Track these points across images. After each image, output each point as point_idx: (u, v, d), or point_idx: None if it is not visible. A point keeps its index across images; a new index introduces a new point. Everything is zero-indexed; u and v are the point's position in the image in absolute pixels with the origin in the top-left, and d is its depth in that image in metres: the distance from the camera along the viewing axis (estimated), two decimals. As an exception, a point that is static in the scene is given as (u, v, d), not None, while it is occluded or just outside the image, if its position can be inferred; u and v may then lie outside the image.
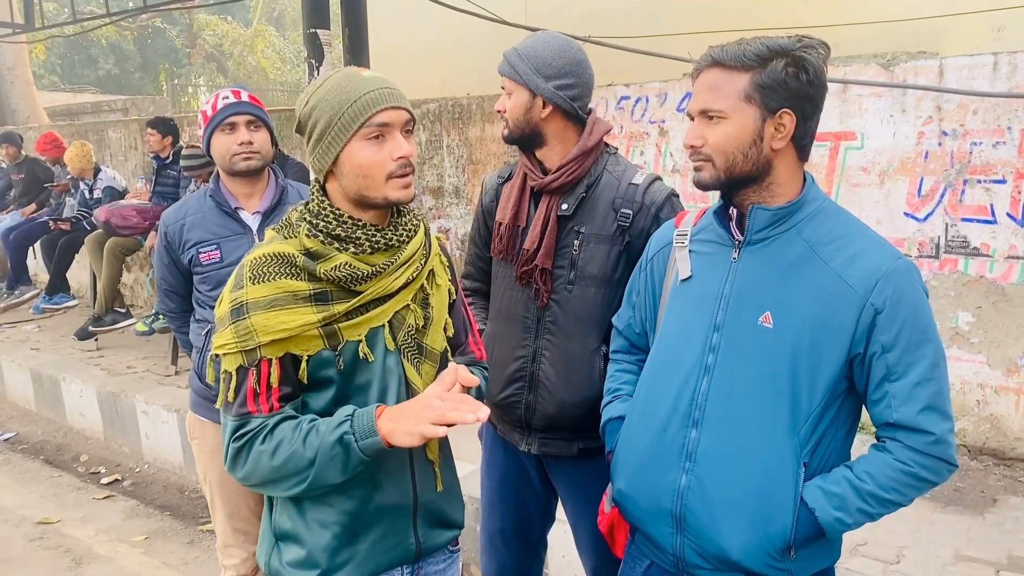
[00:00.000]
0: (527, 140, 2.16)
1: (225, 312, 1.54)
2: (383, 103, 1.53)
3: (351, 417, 1.49)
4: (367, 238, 1.57)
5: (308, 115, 1.57)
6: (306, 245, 1.56)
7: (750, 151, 1.57)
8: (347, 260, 1.55)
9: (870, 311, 1.53)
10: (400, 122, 1.55)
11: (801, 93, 1.55)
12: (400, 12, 8.00)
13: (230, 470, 1.56)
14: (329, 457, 1.48)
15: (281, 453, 1.49)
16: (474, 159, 5.61)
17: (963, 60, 3.79)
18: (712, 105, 1.58)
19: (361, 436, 1.47)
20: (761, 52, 1.54)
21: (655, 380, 1.77)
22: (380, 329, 1.61)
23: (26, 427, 5.98)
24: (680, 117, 4.67)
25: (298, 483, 1.51)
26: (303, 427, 1.51)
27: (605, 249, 2.11)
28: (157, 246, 2.65)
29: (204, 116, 2.55)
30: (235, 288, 1.54)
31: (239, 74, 23.34)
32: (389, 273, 1.59)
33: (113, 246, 6.09)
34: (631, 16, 6.88)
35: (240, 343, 1.51)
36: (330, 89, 1.55)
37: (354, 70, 1.59)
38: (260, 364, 1.51)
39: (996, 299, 3.79)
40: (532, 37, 2.15)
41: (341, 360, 1.56)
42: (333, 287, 1.55)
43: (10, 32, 10.82)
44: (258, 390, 1.52)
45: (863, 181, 4.08)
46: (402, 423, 1.46)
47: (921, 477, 1.54)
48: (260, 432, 1.52)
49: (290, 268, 1.54)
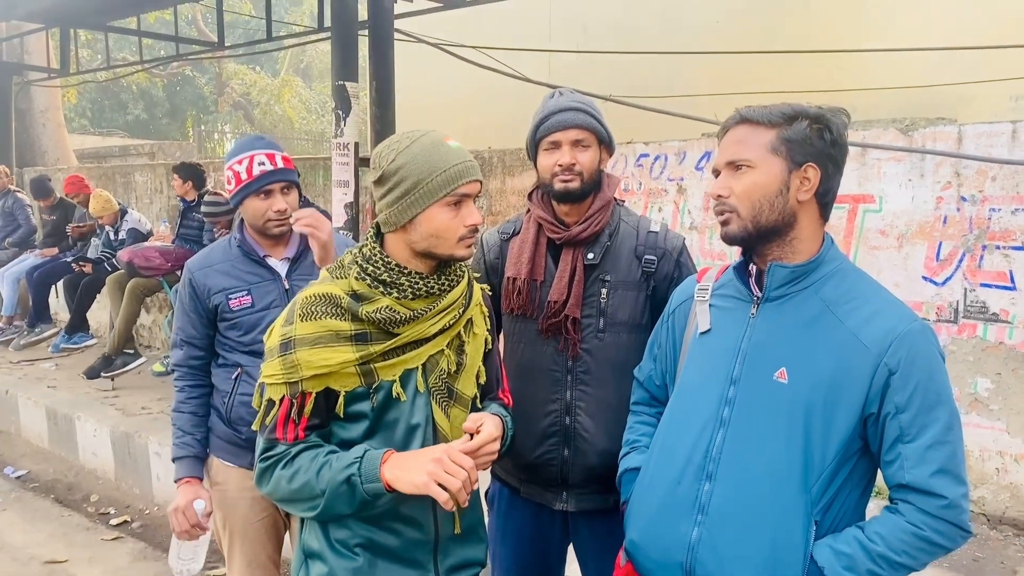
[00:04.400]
0: (588, 193, 2.16)
1: (275, 344, 1.68)
2: (468, 176, 1.67)
3: (360, 459, 1.61)
4: (410, 284, 1.68)
5: (394, 172, 1.66)
6: (354, 287, 1.69)
7: (776, 200, 1.61)
8: (389, 304, 1.67)
9: (884, 371, 1.54)
10: (475, 192, 1.71)
11: (825, 151, 1.60)
12: (426, 66, 8.17)
13: (257, 484, 1.72)
14: (337, 493, 1.61)
15: (297, 480, 1.64)
16: (494, 210, 5.67)
17: (981, 127, 3.82)
18: (740, 155, 1.63)
19: (366, 479, 1.59)
20: (787, 112, 1.61)
21: (671, 431, 1.78)
22: (414, 371, 1.71)
23: (38, 465, 5.98)
24: (698, 175, 4.71)
25: (311, 508, 1.66)
26: (319, 460, 1.64)
27: (633, 295, 2.16)
28: (181, 294, 2.61)
29: (237, 177, 2.52)
30: (286, 323, 1.68)
31: (265, 122, 23.74)
32: (427, 318, 1.70)
33: (135, 286, 6.16)
34: (651, 77, 6.99)
35: (286, 375, 1.65)
36: (420, 153, 1.65)
37: (440, 137, 1.70)
38: (299, 396, 1.65)
39: (1016, 366, 3.76)
40: (572, 94, 2.19)
41: (375, 398, 1.68)
42: (373, 328, 1.67)
43: (46, 77, 11.11)
44: (288, 420, 1.66)
45: (881, 244, 4.09)
46: (406, 472, 1.58)
47: (933, 541, 1.53)
48: (283, 458, 1.67)
49: (335, 308, 1.67)
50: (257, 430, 1.72)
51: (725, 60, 6.59)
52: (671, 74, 6.89)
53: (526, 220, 2.27)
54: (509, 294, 2.23)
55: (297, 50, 23.81)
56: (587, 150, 2.12)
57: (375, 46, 5.56)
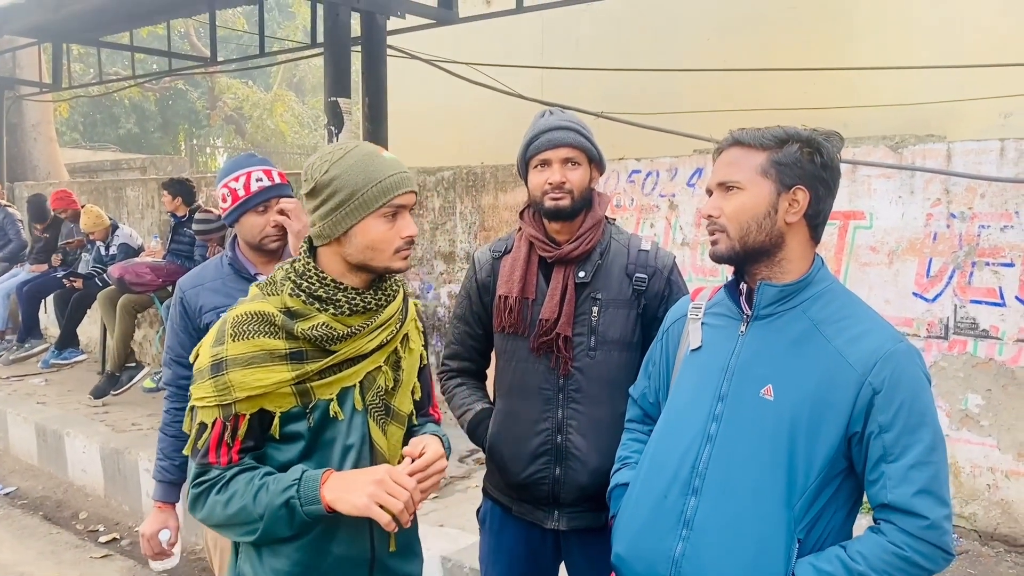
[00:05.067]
0: (579, 211, 2.17)
1: (205, 366, 1.62)
2: (404, 187, 1.65)
3: (299, 481, 1.58)
4: (347, 300, 1.66)
5: (328, 183, 1.63)
6: (287, 304, 1.65)
7: (764, 222, 1.64)
8: (325, 320, 1.64)
9: (868, 390, 1.56)
10: (411, 204, 1.68)
11: (815, 174, 1.63)
12: (419, 82, 8.19)
13: (191, 511, 1.66)
14: (276, 517, 1.58)
15: (233, 505, 1.60)
16: (486, 226, 5.68)
17: (971, 144, 3.85)
18: (730, 177, 1.66)
19: (306, 502, 1.57)
20: (779, 135, 1.64)
21: (660, 446, 1.79)
22: (351, 389, 1.69)
23: (27, 482, 5.94)
24: (690, 191, 4.73)
25: (249, 532, 1.61)
26: (255, 483, 1.60)
27: (624, 313, 2.17)
28: (172, 313, 2.61)
29: (234, 194, 2.53)
30: (216, 343, 1.63)
31: (257, 136, 23.75)
32: (364, 335, 1.67)
33: (126, 303, 6.14)
34: (644, 93, 7.02)
35: (219, 397, 1.60)
36: (354, 164, 1.63)
37: (375, 149, 1.68)
38: (233, 419, 1.61)
39: (1006, 382, 3.77)
40: (562, 113, 2.20)
41: (311, 417, 1.65)
42: (309, 346, 1.63)
43: (38, 91, 11.10)
44: (221, 443, 1.61)
45: (872, 260, 4.11)
46: (347, 494, 1.56)
47: (915, 562, 1.53)
48: (217, 483, 1.62)
49: (269, 327, 1.62)
50: (188, 455, 1.67)
51: (717, 77, 6.63)
52: (663, 91, 6.92)
53: (517, 238, 2.27)
54: (501, 312, 2.24)
55: (290, 64, 23.84)
56: (577, 168, 2.13)
57: (368, 62, 5.59)
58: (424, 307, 6.05)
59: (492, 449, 2.28)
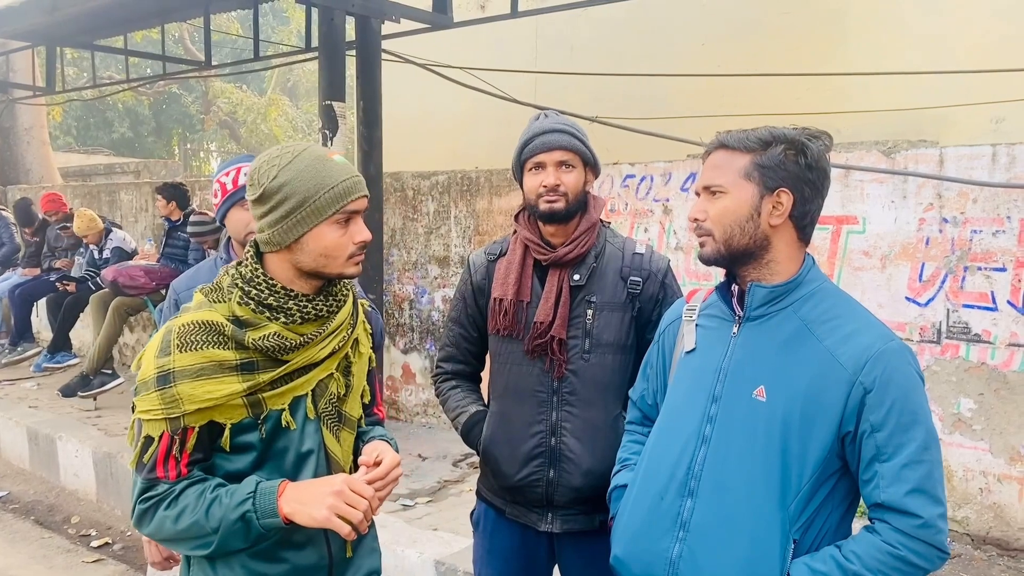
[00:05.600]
0: (573, 214, 2.17)
1: (150, 377, 1.55)
2: (357, 192, 1.61)
3: (253, 495, 1.54)
4: (298, 309, 1.61)
5: (277, 189, 1.57)
6: (236, 312, 1.59)
7: (747, 225, 1.65)
8: (276, 330, 1.58)
9: (859, 390, 1.56)
10: (363, 209, 1.64)
11: (800, 176, 1.63)
12: (413, 86, 8.20)
13: (136, 526, 1.61)
14: (231, 531, 1.53)
15: (184, 520, 1.54)
16: (481, 230, 5.69)
17: (963, 150, 3.87)
18: (714, 181, 1.67)
19: (262, 515, 1.53)
20: (764, 137, 1.64)
21: (657, 448, 1.80)
22: (303, 397, 1.65)
23: (18, 486, 5.91)
24: (684, 196, 4.74)
25: (202, 547, 1.56)
26: (206, 496, 1.55)
27: (618, 316, 2.17)
28: (166, 314, 2.62)
29: (223, 188, 2.52)
30: (161, 354, 1.55)
31: (251, 141, 23.73)
32: (317, 343, 1.63)
33: (119, 305, 6.13)
34: (638, 98, 7.03)
35: (166, 410, 1.53)
36: (304, 170, 1.57)
37: (324, 152, 1.63)
38: (179, 432, 1.55)
39: (998, 386, 3.78)
40: (557, 116, 2.20)
41: (263, 428, 1.61)
42: (260, 356, 1.58)
43: (31, 95, 11.07)
44: (169, 456, 1.55)
45: (865, 265, 4.12)
46: (305, 506, 1.53)
47: (910, 562, 1.53)
48: (165, 498, 1.56)
49: (218, 337, 1.56)
50: (133, 468, 1.60)
51: (711, 82, 6.64)
52: (657, 95, 6.93)
53: (513, 241, 2.27)
54: (495, 314, 2.24)
55: (284, 68, 23.83)
56: (572, 171, 2.14)
57: (362, 66, 5.59)
58: (419, 311, 6.04)
59: (486, 451, 2.28)
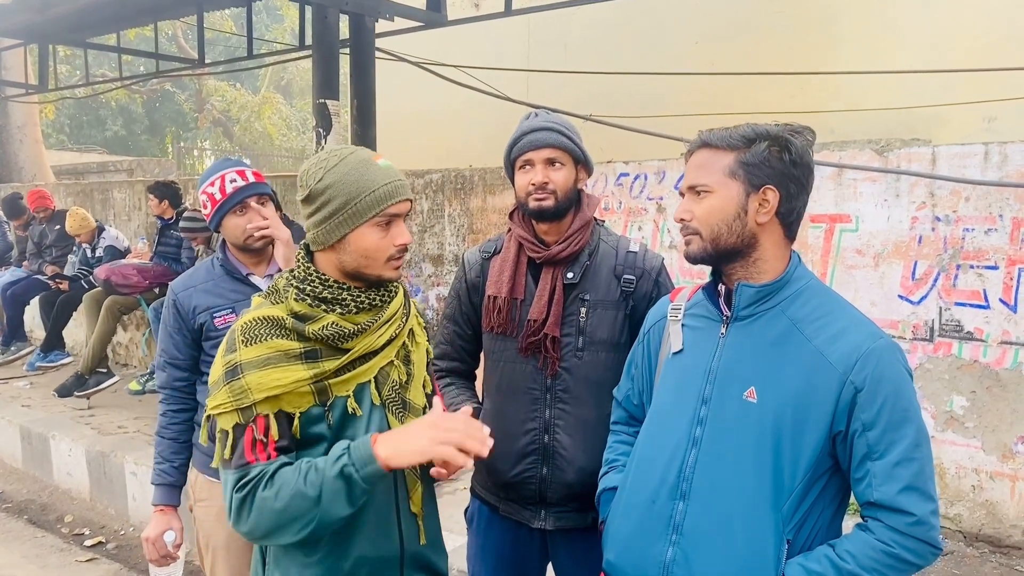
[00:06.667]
0: (564, 212, 2.17)
1: (219, 375, 1.60)
2: (399, 196, 1.65)
3: (347, 450, 1.54)
4: (352, 299, 1.67)
5: (321, 191, 1.63)
6: (294, 308, 1.65)
7: (734, 223, 1.64)
8: (334, 320, 1.64)
9: (850, 389, 1.56)
10: (405, 212, 1.68)
11: (785, 172, 1.62)
12: (407, 85, 8.19)
13: (235, 524, 1.58)
14: (333, 492, 1.51)
15: (284, 495, 1.52)
16: (475, 228, 5.69)
17: (955, 148, 3.88)
18: (699, 180, 1.66)
19: (360, 466, 1.52)
20: (747, 134, 1.63)
21: (647, 451, 1.79)
22: (367, 385, 1.69)
23: (11, 485, 5.90)
24: (677, 195, 4.74)
25: (306, 524, 1.53)
26: (302, 468, 1.55)
27: (612, 314, 2.18)
28: (164, 316, 2.61)
29: (212, 199, 2.56)
30: (228, 352, 1.61)
31: (245, 139, 23.69)
32: (374, 330, 1.68)
33: (112, 304, 6.10)
34: (631, 96, 7.05)
35: (235, 402, 1.57)
36: (348, 172, 1.63)
37: (370, 155, 1.67)
38: (256, 420, 1.57)
39: (990, 384, 3.80)
40: (548, 114, 2.20)
41: (331, 416, 1.64)
42: (322, 346, 1.63)
43: (24, 93, 11.04)
44: (256, 441, 1.57)
45: (858, 263, 4.13)
46: (405, 444, 1.53)
47: (903, 559, 1.54)
48: (262, 479, 1.55)
49: (280, 329, 1.62)
50: (218, 466, 1.60)
51: (704, 80, 6.65)
52: (651, 94, 6.94)
53: (507, 239, 2.28)
54: (489, 312, 2.24)
55: (278, 67, 23.80)
56: (561, 169, 2.14)
57: (356, 64, 5.58)
58: (412, 309, 6.03)
59: None
